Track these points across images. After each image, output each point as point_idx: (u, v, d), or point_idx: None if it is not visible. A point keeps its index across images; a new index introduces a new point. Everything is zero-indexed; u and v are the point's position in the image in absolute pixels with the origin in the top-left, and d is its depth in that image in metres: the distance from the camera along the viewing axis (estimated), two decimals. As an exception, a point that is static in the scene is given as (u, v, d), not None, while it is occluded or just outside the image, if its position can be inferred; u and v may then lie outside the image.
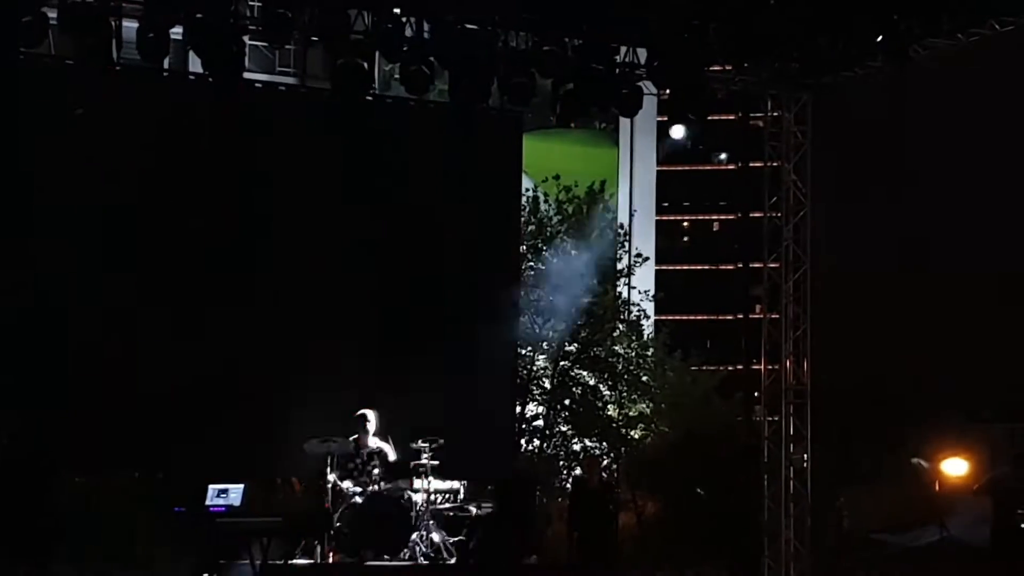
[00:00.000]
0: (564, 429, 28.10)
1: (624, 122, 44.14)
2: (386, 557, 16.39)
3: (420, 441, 16.92)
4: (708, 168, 48.97)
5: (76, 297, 17.73)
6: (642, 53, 18.46)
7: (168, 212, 18.31)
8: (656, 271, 41.19)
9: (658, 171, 48.07)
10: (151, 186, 18.20)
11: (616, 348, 28.51)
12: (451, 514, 17.13)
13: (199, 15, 16.48)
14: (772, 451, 20.35)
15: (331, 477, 16.53)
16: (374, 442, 17.03)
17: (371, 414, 17.13)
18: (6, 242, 17.39)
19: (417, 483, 16.76)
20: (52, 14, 16.23)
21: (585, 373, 28.18)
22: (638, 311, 30.01)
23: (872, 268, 28.72)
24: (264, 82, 22.33)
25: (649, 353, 29.14)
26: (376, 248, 19.31)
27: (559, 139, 40.07)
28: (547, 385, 27.76)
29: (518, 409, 25.13)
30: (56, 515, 15.15)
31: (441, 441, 16.90)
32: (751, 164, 24.71)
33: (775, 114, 20.68)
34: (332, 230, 19.04)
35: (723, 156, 48.24)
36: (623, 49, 18.33)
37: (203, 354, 18.18)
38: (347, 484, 16.64)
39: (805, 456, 20.32)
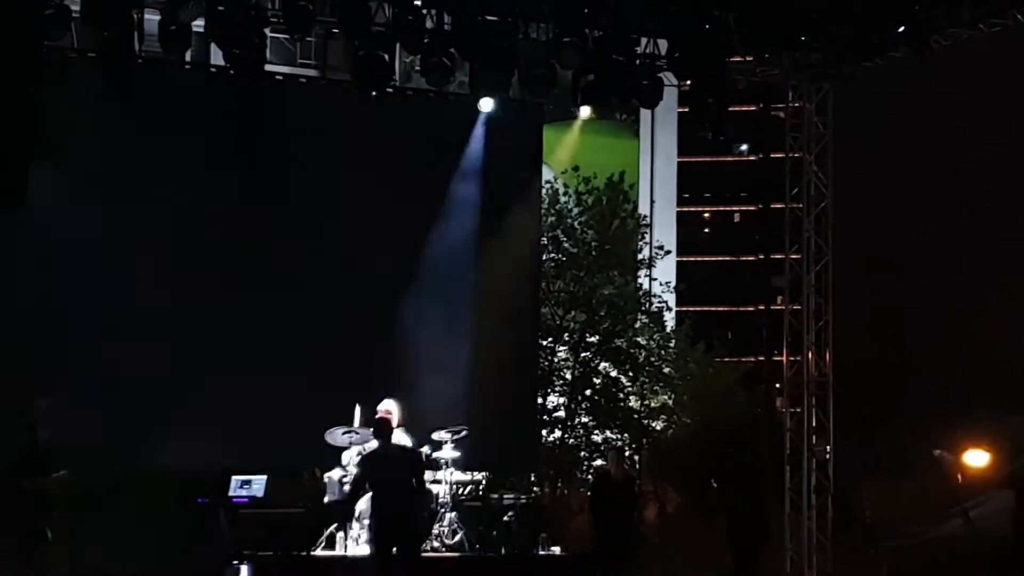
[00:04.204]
0: (585, 420, 28.10)
1: (645, 113, 44.10)
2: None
3: (443, 432, 16.94)
4: (729, 159, 48.91)
5: (88, 287, 17.69)
6: (663, 44, 18.42)
7: (187, 203, 18.37)
8: (677, 262, 41.19)
9: (679, 162, 48.03)
10: (171, 176, 18.27)
11: (638, 339, 28.51)
12: (477, 505, 17.15)
13: (220, 7, 16.50)
14: (795, 442, 20.33)
15: (353, 468, 16.52)
16: (396, 433, 16.95)
17: (394, 405, 17.07)
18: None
19: (439, 474, 16.76)
20: (75, 6, 16.25)
21: (607, 364, 28.18)
22: (660, 302, 29.99)
23: (897, 260, 28.57)
24: (285, 74, 22.34)
25: (671, 344, 29.13)
26: (396, 237, 19.36)
27: (579, 131, 40.01)
28: (568, 376, 27.76)
29: (539, 400, 25.13)
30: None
31: (464, 432, 16.90)
32: (772, 155, 24.68)
33: (796, 105, 20.62)
34: (352, 219, 19.09)
35: (744, 147, 48.16)
36: (644, 40, 18.29)
37: (226, 344, 18.24)
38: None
39: (827, 447, 20.28)
